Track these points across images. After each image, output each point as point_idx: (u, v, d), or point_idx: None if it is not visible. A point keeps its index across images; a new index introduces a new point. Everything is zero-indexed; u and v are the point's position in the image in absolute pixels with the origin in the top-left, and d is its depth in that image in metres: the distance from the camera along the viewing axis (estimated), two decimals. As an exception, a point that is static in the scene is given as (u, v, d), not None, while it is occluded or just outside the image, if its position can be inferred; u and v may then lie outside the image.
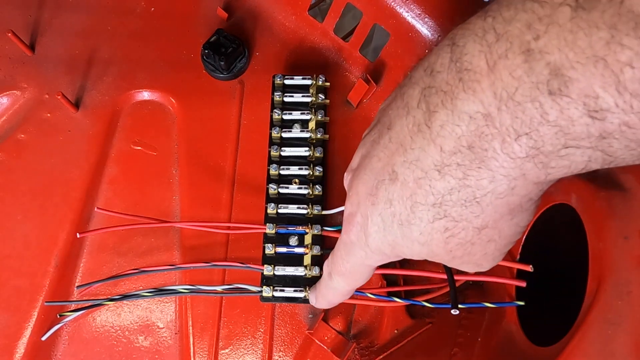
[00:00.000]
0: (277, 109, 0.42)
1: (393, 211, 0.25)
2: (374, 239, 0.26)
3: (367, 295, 0.38)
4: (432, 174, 0.22)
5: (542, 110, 0.19)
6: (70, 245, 0.42)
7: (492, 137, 0.20)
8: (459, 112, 0.21)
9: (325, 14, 0.45)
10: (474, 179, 0.22)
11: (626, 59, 0.16)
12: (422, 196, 0.23)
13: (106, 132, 0.45)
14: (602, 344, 0.26)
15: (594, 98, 0.17)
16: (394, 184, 0.24)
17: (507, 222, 0.24)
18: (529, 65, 0.18)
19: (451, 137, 0.21)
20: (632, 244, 0.26)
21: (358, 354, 0.41)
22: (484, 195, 0.22)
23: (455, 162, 0.22)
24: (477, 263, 0.26)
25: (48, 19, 0.47)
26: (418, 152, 0.23)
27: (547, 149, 0.19)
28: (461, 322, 0.41)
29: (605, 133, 0.18)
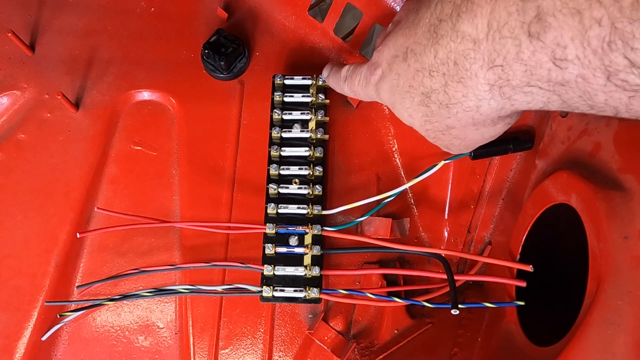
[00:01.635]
0: (277, 109, 0.42)
1: (398, 82, 0.30)
2: (384, 91, 0.32)
3: (367, 295, 0.38)
4: (425, 72, 0.27)
5: (519, 49, 0.21)
6: (70, 245, 0.42)
7: (474, 60, 0.24)
8: (457, 30, 0.24)
9: (325, 14, 0.45)
10: (451, 89, 0.26)
11: (598, 15, 0.18)
12: (417, 83, 0.28)
13: (106, 132, 0.45)
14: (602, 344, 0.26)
15: (562, 47, 0.20)
16: (404, 62, 0.29)
17: (472, 130, 0.29)
18: (522, 4, 0.21)
19: (445, 49, 0.25)
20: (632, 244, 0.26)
21: (358, 354, 0.41)
22: (455, 104, 0.27)
23: (442, 71, 0.26)
24: (446, 147, 0.32)
25: (48, 19, 0.47)
26: (422, 49, 0.27)
27: (514, 83, 0.23)
28: (461, 322, 0.41)
29: (564, 81, 0.21)
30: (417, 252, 0.39)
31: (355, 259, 0.43)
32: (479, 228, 0.43)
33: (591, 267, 0.28)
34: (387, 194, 0.39)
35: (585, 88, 0.20)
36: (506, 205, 0.42)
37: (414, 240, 0.44)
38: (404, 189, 0.40)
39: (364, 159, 0.44)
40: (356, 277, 0.42)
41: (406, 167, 0.44)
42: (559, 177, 0.33)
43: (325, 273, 0.39)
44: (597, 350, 0.26)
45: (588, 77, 0.20)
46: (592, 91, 0.20)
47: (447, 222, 0.43)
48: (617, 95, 0.20)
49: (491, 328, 0.39)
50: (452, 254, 0.41)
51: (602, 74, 0.19)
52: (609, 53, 0.19)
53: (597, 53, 0.19)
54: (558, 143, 0.36)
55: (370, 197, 0.39)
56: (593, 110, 0.22)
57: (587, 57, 0.19)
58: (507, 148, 0.39)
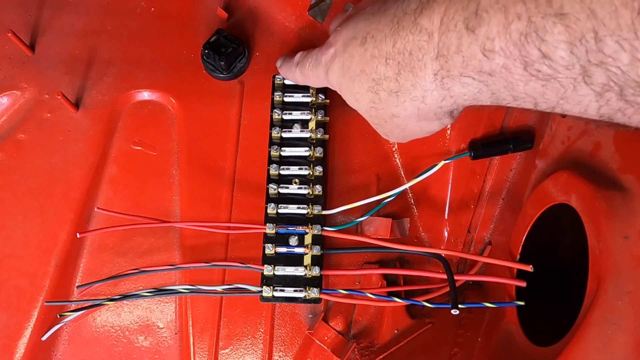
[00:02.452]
0: (277, 109, 0.42)
1: (350, 64, 0.31)
2: (333, 71, 0.33)
3: (367, 295, 0.38)
4: (382, 59, 0.28)
5: (459, 42, 0.24)
6: (70, 245, 0.42)
7: (426, 51, 0.26)
8: (417, 23, 0.26)
9: (325, 14, 0.45)
10: (403, 78, 0.28)
11: (519, 10, 0.21)
12: (370, 69, 0.29)
13: (106, 132, 0.45)
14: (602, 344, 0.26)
15: (491, 40, 0.22)
16: (361, 46, 0.30)
17: (414, 122, 0.30)
18: (467, 2, 0.23)
19: (403, 39, 0.27)
20: (632, 244, 0.26)
21: (358, 354, 0.41)
22: (403, 93, 0.28)
23: (397, 60, 0.28)
24: (385, 134, 0.33)
25: (48, 19, 0.47)
26: (382, 37, 0.28)
27: (453, 73, 0.25)
28: (461, 322, 0.41)
29: (491, 71, 0.23)
30: (417, 252, 0.39)
31: (355, 259, 0.43)
32: (479, 228, 0.43)
33: (591, 267, 0.28)
34: (387, 194, 0.39)
35: (508, 78, 0.23)
36: (506, 205, 0.42)
37: (414, 240, 0.44)
38: (404, 189, 0.40)
39: (364, 159, 0.44)
40: (356, 277, 0.43)
41: (406, 167, 0.44)
42: (559, 177, 0.33)
43: (325, 273, 0.39)
44: (597, 350, 0.26)
45: (510, 67, 0.22)
46: (514, 81, 0.23)
47: (447, 222, 0.43)
48: (533, 85, 0.22)
49: (491, 328, 0.39)
50: (452, 254, 0.41)
51: (520, 64, 0.22)
52: (526, 45, 0.21)
53: (517, 44, 0.21)
54: (558, 143, 0.36)
55: (370, 197, 0.39)
56: (517, 102, 0.24)
57: (509, 49, 0.22)
58: (507, 148, 0.39)
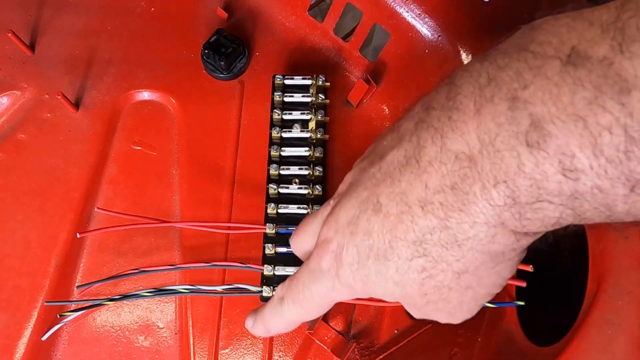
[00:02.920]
0: (277, 109, 0.42)
1: (371, 244, 0.24)
2: (345, 270, 0.25)
3: (367, 295, 0.38)
4: (416, 209, 0.22)
5: (519, 161, 0.19)
6: (70, 245, 0.42)
7: (473, 180, 0.20)
8: (446, 150, 0.21)
9: (325, 14, 0.45)
10: (455, 221, 0.21)
11: (606, 122, 0.16)
12: (403, 231, 0.23)
13: (106, 132, 0.45)
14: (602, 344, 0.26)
15: (570, 157, 0.18)
16: (376, 214, 0.24)
17: (488, 270, 0.23)
18: (512, 114, 0.19)
19: (436, 175, 0.21)
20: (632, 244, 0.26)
21: (358, 354, 0.41)
22: (466, 239, 0.22)
23: (438, 201, 0.21)
24: (451, 312, 0.25)
25: (48, 19, 0.47)
26: (405, 186, 0.22)
27: (522, 200, 0.19)
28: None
29: (577, 193, 0.18)
30: (417, 252, 0.39)
31: (355, 259, 0.43)
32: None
33: (591, 267, 0.28)
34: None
35: (604, 200, 0.18)
36: (506, 205, 0.42)
37: (414, 240, 0.44)
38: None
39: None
40: (356, 277, 0.42)
41: (406, 167, 0.44)
42: (559, 177, 0.33)
43: (325, 273, 0.39)
44: (597, 350, 0.26)
45: (606, 189, 0.18)
46: (612, 202, 0.18)
47: (447, 222, 0.43)
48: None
49: (491, 328, 0.39)
50: (452, 254, 0.41)
51: (622, 184, 0.17)
52: (627, 162, 0.17)
53: (614, 162, 0.17)
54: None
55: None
56: (610, 219, 0.20)
57: (602, 167, 0.17)
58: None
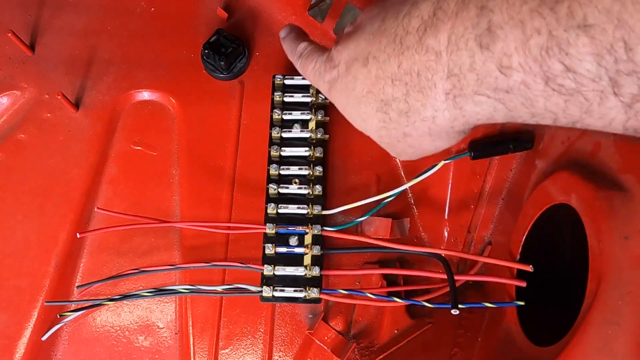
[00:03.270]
0: (277, 109, 0.42)
1: (354, 86, 0.30)
2: (336, 92, 0.32)
3: (367, 295, 0.38)
4: (387, 80, 0.27)
5: (472, 60, 0.23)
6: (70, 245, 0.42)
7: (435, 71, 0.25)
8: (422, 43, 0.25)
9: (325, 14, 0.45)
10: (412, 98, 0.27)
11: (538, 25, 0.20)
12: (377, 90, 0.28)
13: (106, 132, 0.45)
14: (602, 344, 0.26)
15: (508, 56, 0.21)
16: (364, 67, 0.29)
17: (427, 141, 0.29)
18: (477, 19, 0.22)
19: (409, 60, 0.26)
20: (632, 244, 0.26)
21: (358, 354, 0.41)
22: (414, 113, 0.27)
23: (404, 81, 0.27)
24: (397, 153, 0.32)
25: (48, 19, 0.47)
26: (385, 58, 0.27)
27: (466, 92, 0.24)
28: (461, 322, 0.41)
29: (509, 88, 0.22)
30: (417, 252, 0.39)
31: (355, 259, 0.43)
32: (479, 228, 0.43)
33: (591, 267, 0.28)
34: (387, 194, 0.39)
35: (527, 94, 0.22)
36: (506, 205, 0.42)
37: (414, 240, 0.44)
38: (404, 189, 0.40)
39: (364, 159, 0.44)
40: (356, 277, 0.42)
41: (406, 167, 0.44)
42: (559, 177, 0.33)
43: (325, 273, 0.39)
44: (597, 350, 0.26)
45: (529, 83, 0.21)
46: (533, 97, 0.22)
47: (447, 222, 0.43)
48: (555, 100, 0.21)
49: (491, 328, 0.39)
50: (452, 254, 0.41)
51: (541, 79, 0.21)
52: (547, 59, 0.20)
53: (537, 60, 0.20)
54: (558, 143, 0.36)
55: (370, 197, 0.39)
56: (535, 119, 0.23)
57: (528, 64, 0.21)
58: (507, 148, 0.39)
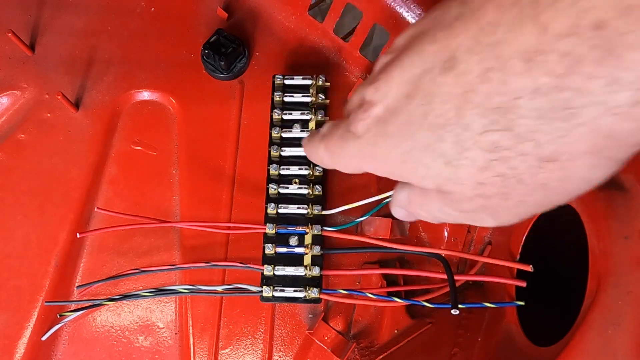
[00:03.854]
0: (277, 109, 0.42)
1: (427, 110, 0.18)
2: (385, 142, 0.20)
3: (367, 295, 0.38)
4: (514, 64, 0.16)
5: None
6: (70, 245, 0.42)
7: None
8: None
9: (325, 14, 0.45)
10: (581, 78, 0.15)
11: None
12: (484, 95, 0.17)
13: (106, 132, 0.45)
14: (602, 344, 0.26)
15: None
16: (445, 73, 0.18)
17: (589, 165, 0.17)
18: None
19: (570, 10, 0.15)
20: (632, 244, 0.26)
21: (358, 354, 0.41)
22: (585, 106, 0.15)
23: (562, 50, 0.15)
24: (496, 214, 0.20)
25: (48, 19, 0.47)
26: (503, 33, 0.16)
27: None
28: (461, 322, 0.41)
29: None
30: (417, 252, 0.39)
31: (355, 259, 0.43)
32: (479, 228, 0.43)
33: (591, 267, 0.28)
34: (387, 194, 0.39)
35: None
36: (506, 205, 0.42)
37: (414, 240, 0.44)
38: (404, 189, 0.40)
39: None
40: (356, 277, 0.43)
41: (406, 167, 0.44)
42: (559, 177, 0.33)
43: (325, 273, 0.39)
44: (597, 350, 0.26)
45: None
46: None
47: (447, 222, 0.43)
48: None
49: (491, 328, 0.39)
50: (452, 254, 0.41)
51: None
52: None
53: None
54: (558, 143, 0.36)
55: (370, 197, 0.39)
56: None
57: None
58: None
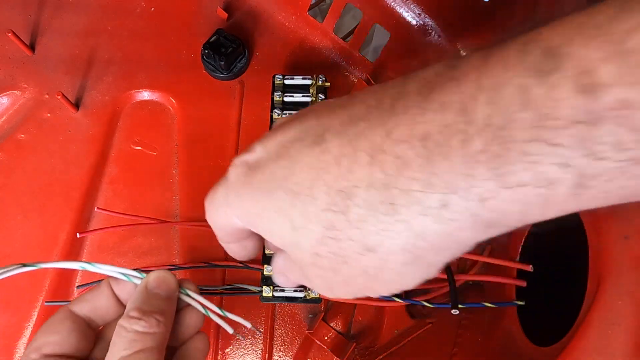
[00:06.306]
0: (277, 109, 0.42)
1: (288, 174, 0.20)
2: (248, 190, 0.22)
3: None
4: (361, 157, 0.19)
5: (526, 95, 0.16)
6: (70, 245, 0.42)
7: (462, 130, 0.17)
8: (432, 100, 0.17)
9: (325, 14, 0.45)
10: (406, 179, 0.18)
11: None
12: (333, 176, 0.19)
13: (106, 132, 0.45)
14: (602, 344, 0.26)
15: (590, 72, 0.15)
16: (312, 147, 0.20)
17: (398, 264, 0.19)
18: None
19: (408, 125, 0.18)
20: (632, 244, 0.26)
21: (358, 354, 0.41)
22: (405, 205, 0.18)
23: (396, 153, 0.18)
24: (331, 286, 0.22)
25: (48, 19, 0.47)
26: (362, 128, 0.19)
27: (512, 144, 0.16)
28: (461, 322, 0.41)
29: (593, 120, 0.14)
30: (417, 252, 0.39)
31: (355, 259, 0.43)
32: (479, 228, 0.43)
33: (591, 267, 0.28)
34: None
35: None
36: (506, 205, 0.42)
37: (414, 240, 0.44)
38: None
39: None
40: (356, 277, 0.42)
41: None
42: (559, 177, 0.33)
43: (325, 273, 0.39)
44: (597, 350, 0.26)
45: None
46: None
47: (447, 222, 0.43)
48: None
49: (491, 328, 0.39)
50: (452, 254, 0.41)
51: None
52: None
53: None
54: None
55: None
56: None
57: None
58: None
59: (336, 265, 0.20)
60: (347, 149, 0.19)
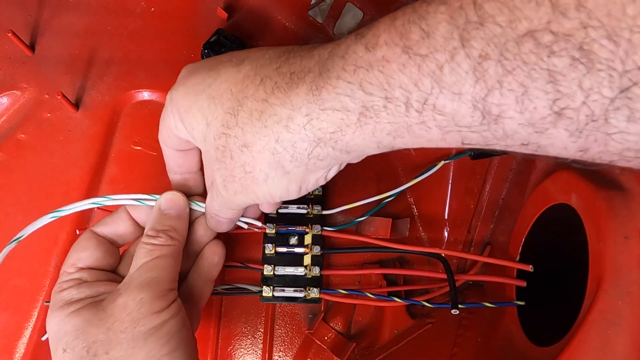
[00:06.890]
0: (277, 109, 0.42)
1: (212, 82, 0.28)
2: (183, 87, 0.30)
3: (367, 295, 0.38)
4: (256, 78, 0.27)
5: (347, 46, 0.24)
6: (70, 245, 0.42)
7: (309, 71, 0.25)
8: (309, 54, 0.26)
9: (325, 14, 0.45)
10: (273, 97, 0.25)
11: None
12: (237, 88, 0.27)
13: (106, 132, 0.45)
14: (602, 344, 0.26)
15: (376, 37, 0.23)
16: (234, 67, 0.28)
17: (265, 164, 0.27)
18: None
19: (288, 65, 0.26)
20: (632, 244, 0.26)
21: (358, 354, 0.41)
22: (268, 113, 0.25)
23: (274, 80, 0.26)
24: (223, 178, 0.28)
25: (48, 19, 0.47)
26: (266, 60, 0.27)
27: (327, 77, 0.24)
28: (461, 322, 0.41)
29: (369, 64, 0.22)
30: (417, 252, 0.39)
31: (355, 259, 0.43)
32: (479, 228, 0.43)
33: (591, 267, 0.28)
34: (387, 194, 0.39)
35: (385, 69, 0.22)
36: (506, 205, 0.42)
37: (414, 240, 0.44)
38: (404, 189, 0.40)
39: (364, 159, 0.44)
40: (356, 277, 0.42)
41: (406, 167, 0.44)
42: (559, 177, 0.33)
43: (325, 273, 0.39)
44: (597, 350, 0.26)
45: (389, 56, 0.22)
46: (391, 72, 0.22)
47: (447, 222, 0.43)
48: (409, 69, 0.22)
49: (491, 328, 0.39)
50: (452, 254, 0.41)
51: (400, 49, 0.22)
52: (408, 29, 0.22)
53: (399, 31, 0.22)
54: (558, 143, 0.36)
55: (370, 197, 0.39)
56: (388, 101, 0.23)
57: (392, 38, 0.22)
58: (507, 148, 0.39)
59: (226, 159, 0.27)
60: (251, 72, 0.27)
